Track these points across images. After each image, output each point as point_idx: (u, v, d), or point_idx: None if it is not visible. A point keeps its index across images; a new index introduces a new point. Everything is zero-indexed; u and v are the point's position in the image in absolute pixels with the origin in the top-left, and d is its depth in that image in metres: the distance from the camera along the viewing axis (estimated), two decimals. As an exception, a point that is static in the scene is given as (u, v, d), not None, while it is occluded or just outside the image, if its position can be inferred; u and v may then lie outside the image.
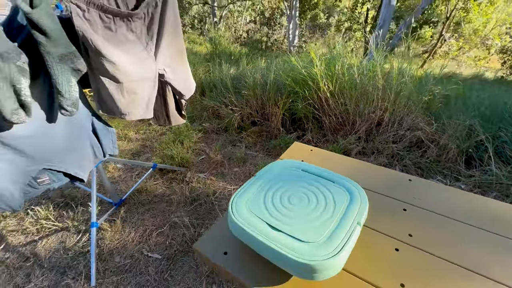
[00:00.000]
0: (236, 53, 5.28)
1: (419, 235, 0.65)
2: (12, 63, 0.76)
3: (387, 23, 6.38)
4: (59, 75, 0.86)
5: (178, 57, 1.20)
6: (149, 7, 1.02)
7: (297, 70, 2.50)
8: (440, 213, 0.71)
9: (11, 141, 0.88)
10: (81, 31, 0.86)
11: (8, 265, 1.52)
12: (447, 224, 0.68)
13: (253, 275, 0.58)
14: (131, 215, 1.79)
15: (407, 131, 2.17)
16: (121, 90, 1.04)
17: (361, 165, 0.94)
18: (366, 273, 0.57)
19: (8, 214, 1.85)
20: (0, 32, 0.73)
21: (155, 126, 2.95)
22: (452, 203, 0.74)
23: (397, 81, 2.15)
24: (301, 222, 0.55)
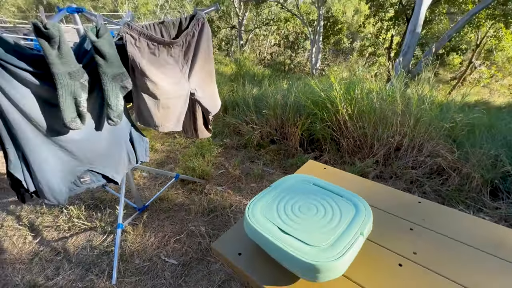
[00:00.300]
0: (259, 75, 5.53)
1: (424, 253, 0.69)
2: (77, 80, 0.93)
3: (412, 50, 6.39)
4: (110, 91, 1.03)
5: (207, 79, 1.36)
6: (187, 36, 1.19)
7: (316, 93, 2.60)
8: (446, 234, 0.74)
9: (66, 143, 1.04)
10: (132, 56, 1.04)
11: (41, 258, 1.67)
12: (452, 245, 0.71)
13: (263, 275, 0.65)
14: (152, 221, 1.91)
15: (427, 158, 2.15)
16: (158, 106, 1.19)
17: (371, 184, 0.98)
18: (369, 284, 0.61)
19: (45, 211, 2.05)
20: (72, 56, 0.91)
21: (180, 139, 3.15)
22: (459, 226, 0.77)
23: (417, 107, 2.17)
24: (309, 228, 0.62)
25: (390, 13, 10.86)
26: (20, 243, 1.79)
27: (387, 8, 10.83)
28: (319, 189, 0.77)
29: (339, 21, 13.17)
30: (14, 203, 2.17)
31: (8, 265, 1.64)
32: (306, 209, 0.68)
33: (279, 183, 0.80)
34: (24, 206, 2.12)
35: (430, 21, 10.37)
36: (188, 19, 1.19)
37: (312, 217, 0.66)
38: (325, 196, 0.73)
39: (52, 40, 0.84)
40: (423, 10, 5.79)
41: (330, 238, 0.59)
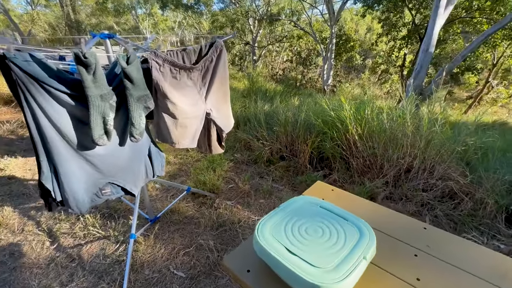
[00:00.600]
0: (271, 91, 5.66)
1: (427, 280, 0.70)
2: (107, 101, 1.03)
3: (425, 69, 6.39)
4: (134, 111, 1.12)
5: (222, 100, 1.45)
6: (206, 62, 1.30)
7: (327, 112, 2.65)
8: (450, 262, 0.75)
9: (92, 157, 1.13)
10: (156, 80, 1.14)
11: (57, 264, 1.75)
12: (456, 274, 0.72)
13: (270, 292, 0.68)
14: (163, 232, 1.97)
15: (438, 180, 2.13)
16: (176, 125, 1.28)
17: (377, 208, 1.01)
18: (371, 307, 0.64)
19: (63, 217, 2.15)
20: (104, 80, 1.02)
21: (192, 153, 3.25)
22: (464, 254, 0.78)
23: (427, 130, 2.18)
24: (314, 250, 0.66)
25: (403, 32, 10.95)
26: (39, 248, 1.88)
27: (399, 27, 10.95)
28: (325, 211, 0.81)
29: (351, 39, 13.36)
30: (35, 209, 2.29)
31: (26, 269, 1.72)
32: (312, 231, 0.73)
33: (288, 204, 0.85)
34: (44, 213, 2.23)
35: (444, 41, 10.37)
36: (207, 46, 1.30)
37: (318, 239, 0.70)
38: (331, 219, 0.77)
39: (89, 67, 0.95)
40: (436, 30, 5.82)
41: (334, 261, 0.62)
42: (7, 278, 1.65)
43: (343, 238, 0.69)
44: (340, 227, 0.73)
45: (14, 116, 4.77)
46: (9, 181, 2.74)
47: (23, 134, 4.03)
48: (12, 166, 3.04)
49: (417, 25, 9.93)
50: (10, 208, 2.29)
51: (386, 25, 11.14)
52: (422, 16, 9.94)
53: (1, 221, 2.11)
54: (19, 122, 4.35)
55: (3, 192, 2.54)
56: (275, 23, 13.11)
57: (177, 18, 19.91)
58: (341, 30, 13.36)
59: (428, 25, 6.00)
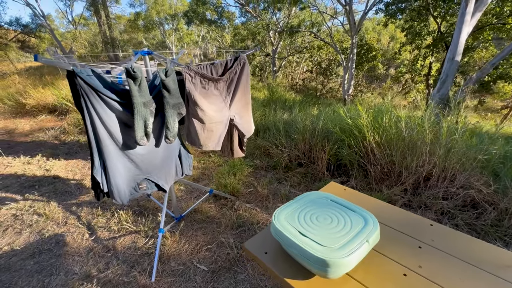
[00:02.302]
0: (290, 100, 5.79)
1: (429, 268, 0.77)
2: (148, 108, 1.22)
3: (451, 78, 6.21)
4: (170, 116, 1.31)
5: (245, 108, 1.60)
6: (231, 74, 1.46)
7: (344, 120, 2.72)
8: (453, 254, 0.82)
9: (133, 156, 1.32)
10: (189, 90, 1.32)
11: (95, 253, 1.96)
12: (458, 264, 0.78)
13: (284, 270, 0.79)
14: (187, 230, 2.12)
15: (459, 189, 2.10)
16: (203, 129, 1.45)
17: (386, 206, 1.08)
18: (372, 285, 0.72)
19: (100, 213, 2.39)
20: (147, 90, 1.21)
21: (214, 158, 3.43)
22: (468, 248, 0.84)
23: (447, 138, 2.17)
24: (323, 233, 0.76)
25: (428, 40, 10.68)
26: (79, 239, 2.11)
27: (424, 36, 10.70)
28: (335, 204, 0.91)
29: (373, 48, 13.23)
30: (76, 205, 2.56)
31: (69, 256, 1.94)
32: (322, 219, 0.83)
33: (302, 197, 0.96)
34: (84, 208, 2.49)
35: (473, 48, 9.95)
36: (232, 60, 1.47)
37: (327, 226, 0.80)
38: (340, 210, 0.87)
39: (136, 80, 1.14)
40: (462, 37, 5.67)
41: (340, 242, 0.72)
42: (54, 263, 1.88)
43: (349, 225, 0.79)
44: (347, 216, 0.83)
45: (57, 123, 5.31)
46: (54, 180, 3.08)
47: (65, 139, 4.49)
48: (56, 167, 3.41)
49: (443, 33, 9.66)
50: (55, 203, 2.58)
51: (409, 34, 10.94)
52: (449, 24, 9.67)
53: (48, 214, 2.39)
54: (61, 129, 4.85)
55: (49, 190, 2.86)
56: (295, 35, 13.36)
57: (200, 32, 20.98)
58: (362, 40, 13.30)
59: (454, 32, 5.87)
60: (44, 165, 3.46)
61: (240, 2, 13.51)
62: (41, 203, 2.58)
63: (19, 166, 3.48)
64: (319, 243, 0.73)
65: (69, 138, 4.50)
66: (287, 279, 0.76)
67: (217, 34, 18.59)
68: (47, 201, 2.64)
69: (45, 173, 3.27)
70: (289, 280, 0.76)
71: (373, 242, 0.76)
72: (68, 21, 17.98)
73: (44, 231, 2.20)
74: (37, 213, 2.44)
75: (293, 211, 0.88)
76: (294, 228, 0.80)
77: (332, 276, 0.69)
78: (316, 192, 1.00)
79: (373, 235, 0.75)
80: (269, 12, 13.33)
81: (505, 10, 7.93)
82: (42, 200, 2.65)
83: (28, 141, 4.54)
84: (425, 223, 0.97)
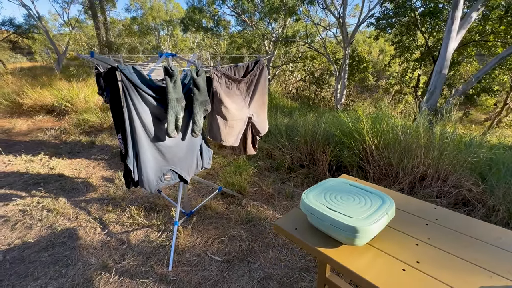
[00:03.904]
0: (288, 107, 5.99)
1: (436, 238, 0.92)
2: (180, 103, 1.34)
3: (438, 90, 6.57)
4: (197, 112, 1.43)
5: (262, 107, 1.74)
6: (251, 76, 1.61)
7: (345, 124, 2.90)
8: (456, 230, 0.96)
9: (162, 147, 1.43)
10: (215, 88, 1.45)
11: (109, 246, 2.02)
12: (460, 236, 0.93)
13: (314, 241, 0.92)
14: (198, 225, 2.21)
15: (451, 188, 2.29)
16: (225, 125, 1.57)
17: (395, 193, 1.23)
18: (390, 251, 0.86)
19: (110, 209, 2.44)
20: (180, 87, 1.34)
21: (219, 159, 3.53)
22: (468, 225, 0.99)
23: (440, 141, 2.37)
24: (349, 208, 0.90)
25: (416, 54, 11.24)
26: (92, 233, 2.16)
27: (412, 49, 11.26)
28: (355, 188, 1.05)
29: (364, 60, 13.77)
30: (85, 201, 2.60)
31: (83, 249, 1.99)
32: (346, 198, 0.97)
33: (324, 182, 1.09)
34: (93, 204, 2.54)
35: (458, 63, 10.54)
36: (253, 63, 1.61)
37: (351, 203, 0.93)
38: (360, 191, 1.01)
39: (172, 77, 1.27)
40: (449, 52, 6.05)
41: (364, 214, 0.86)
42: (69, 255, 1.93)
43: (370, 202, 0.93)
44: (367, 197, 0.97)
45: (55, 124, 5.29)
46: (59, 178, 3.11)
47: (66, 139, 4.49)
48: (60, 166, 3.42)
49: (430, 48, 10.20)
50: (64, 199, 2.62)
51: (399, 48, 11.48)
52: (435, 39, 10.23)
53: (58, 210, 2.43)
54: (62, 129, 4.84)
55: (56, 187, 2.89)
56: (290, 44, 13.75)
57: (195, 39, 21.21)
58: (354, 52, 13.82)
59: (441, 48, 6.27)
60: (47, 164, 3.47)
61: (236, 12, 13.85)
62: (49, 199, 2.60)
63: (21, 164, 3.48)
64: (347, 215, 0.86)
65: (70, 138, 4.50)
66: (318, 248, 0.89)
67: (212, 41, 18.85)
68: (55, 197, 2.66)
69: (49, 171, 3.28)
70: (321, 249, 0.88)
71: (391, 215, 0.90)
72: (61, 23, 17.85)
73: (56, 225, 2.24)
74: (46, 208, 2.47)
75: (319, 192, 1.01)
76: (323, 205, 0.93)
77: (359, 242, 0.83)
78: (336, 179, 1.14)
79: (391, 209, 0.89)
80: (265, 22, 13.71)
81: (487, 28, 8.52)
82: (50, 197, 2.68)
83: (27, 140, 4.51)
84: (430, 206, 1.12)
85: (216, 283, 1.66)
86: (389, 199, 0.95)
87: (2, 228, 2.24)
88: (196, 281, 1.68)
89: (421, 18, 9.59)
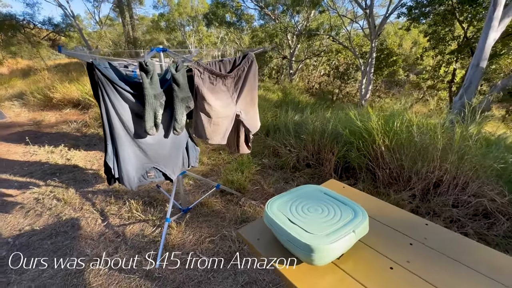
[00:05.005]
0: (303, 103, 5.78)
1: (417, 263, 0.78)
2: (158, 100, 1.30)
3: (474, 85, 5.95)
4: (178, 109, 1.38)
5: (250, 104, 1.65)
6: (239, 71, 1.52)
7: (354, 122, 2.70)
8: (444, 253, 0.81)
9: (143, 145, 1.41)
10: (197, 84, 1.39)
11: (106, 237, 2.07)
12: (447, 262, 0.78)
13: (273, 254, 0.83)
14: (192, 222, 2.20)
15: (471, 197, 2.03)
16: (210, 123, 1.51)
17: (384, 205, 1.09)
18: (356, 275, 0.74)
19: (113, 201, 2.51)
20: (158, 83, 1.29)
21: (224, 155, 3.50)
22: (460, 248, 0.83)
23: (459, 144, 2.11)
24: (312, 222, 0.79)
25: (452, 46, 10.28)
26: (92, 224, 2.24)
27: (448, 41, 10.31)
28: (328, 197, 0.93)
29: (394, 53, 12.91)
30: (91, 193, 2.71)
31: (82, 239, 2.07)
32: (313, 210, 0.86)
33: (297, 189, 0.99)
34: (98, 196, 2.64)
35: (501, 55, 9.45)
36: (241, 57, 1.52)
37: (317, 215, 0.82)
38: (332, 202, 0.89)
39: (148, 73, 1.22)
40: (488, 43, 5.42)
41: (327, 230, 0.75)
42: (68, 244, 2.01)
43: (339, 216, 0.81)
44: (338, 208, 0.85)
45: (80, 117, 5.62)
46: (73, 169, 3.28)
47: (86, 132, 4.74)
48: (76, 157, 3.62)
49: (469, 39, 9.27)
50: (73, 190, 2.75)
51: (433, 39, 10.58)
52: (475, 29, 9.26)
53: (66, 200, 2.56)
54: (83, 122, 5.13)
55: (69, 178, 3.05)
56: (313, 38, 13.29)
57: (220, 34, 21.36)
58: (382, 44, 13.01)
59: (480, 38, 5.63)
60: (65, 155, 3.69)
61: (259, 5, 13.64)
62: (61, 189, 2.75)
63: (44, 155, 3.73)
64: (306, 230, 0.76)
65: (90, 131, 4.75)
66: (274, 263, 0.79)
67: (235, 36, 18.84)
68: (66, 187, 2.81)
69: (66, 162, 3.48)
70: (276, 264, 0.79)
71: (360, 233, 0.78)
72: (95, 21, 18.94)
73: (62, 215, 2.35)
74: (56, 198, 2.61)
75: (286, 201, 0.91)
76: (284, 216, 0.83)
77: (318, 262, 0.72)
78: (312, 185, 1.02)
79: (360, 226, 0.77)
80: (288, 15, 13.36)
81: (537, 15, 7.50)
82: (62, 187, 2.83)
83: (53, 132, 4.84)
84: (421, 222, 0.97)
85: (199, 284, 1.63)
86: (363, 213, 0.82)
87: (17, 214, 2.41)
88: (180, 280, 1.66)
89: (460, 6, 8.71)
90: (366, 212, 0.84)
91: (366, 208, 0.91)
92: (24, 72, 11.50)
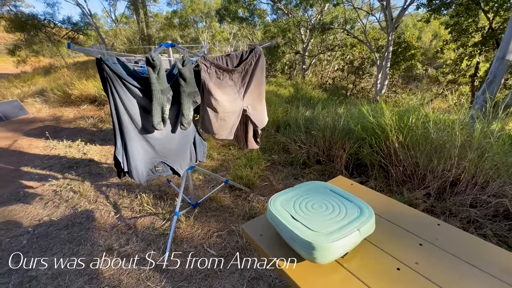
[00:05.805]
0: (315, 98, 5.68)
1: (425, 265, 0.74)
2: (165, 95, 1.31)
3: (498, 80, 5.60)
4: (185, 104, 1.38)
5: (258, 99, 1.63)
6: (246, 65, 1.50)
7: (367, 118, 2.62)
8: (455, 254, 0.77)
9: (151, 140, 1.42)
10: (204, 79, 1.38)
11: (118, 229, 2.13)
12: (458, 263, 0.74)
13: (275, 252, 0.82)
14: (201, 216, 2.22)
15: (491, 197, 1.92)
16: (217, 118, 1.50)
17: (394, 203, 1.04)
18: (360, 274, 0.72)
19: (125, 195, 2.58)
20: (165, 78, 1.30)
21: (234, 151, 3.51)
22: (473, 250, 0.78)
23: (479, 141, 1.99)
24: (315, 219, 0.77)
25: (476, 38, 9.73)
26: (106, 216, 2.31)
27: (471, 32, 9.77)
28: (333, 193, 0.90)
29: (412, 46, 12.38)
30: (106, 186, 2.80)
31: (96, 230, 2.14)
32: (317, 206, 0.83)
33: (302, 185, 0.97)
34: (112, 189, 2.72)
35: (530, 47, 8.83)
36: (248, 52, 1.50)
37: (321, 212, 0.80)
38: (337, 199, 0.86)
39: (155, 68, 1.23)
40: (515, 35, 5.08)
41: (330, 228, 0.73)
42: (83, 235, 2.09)
43: (344, 213, 0.79)
44: (343, 205, 0.83)
45: (96, 113, 5.80)
46: (89, 163, 3.40)
47: (102, 127, 4.89)
48: (92, 151, 3.74)
49: (494, 30, 8.73)
50: (88, 183, 2.85)
51: (454, 31, 10.04)
52: (502, 19, 8.71)
53: (82, 192, 2.66)
54: (99, 117, 5.29)
55: (85, 171, 3.16)
56: (327, 32, 12.98)
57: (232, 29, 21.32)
58: (400, 37, 12.51)
59: (507, 29, 5.28)
60: (82, 149, 3.82)
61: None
62: (77, 182, 2.86)
63: (62, 149, 3.88)
64: (309, 227, 0.74)
65: (105, 126, 4.90)
66: (276, 260, 0.78)
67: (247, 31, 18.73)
68: (82, 180, 2.92)
69: (82, 156, 3.61)
70: (278, 261, 0.78)
71: (366, 232, 0.75)
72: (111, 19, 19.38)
73: (78, 207, 2.45)
74: (73, 190, 2.72)
75: (290, 197, 0.90)
76: (287, 213, 0.81)
77: (320, 260, 0.70)
78: (317, 181, 1.00)
79: (366, 224, 0.74)
80: (301, 8, 13.10)
81: None
82: (78, 180, 2.94)
83: (71, 127, 5.03)
84: (432, 222, 0.92)
85: (207, 277, 1.65)
86: (369, 211, 0.79)
87: (37, 205, 2.53)
88: (188, 273, 1.68)
89: (485, -5, 8.20)
90: (372, 210, 0.80)
91: (374, 206, 0.88)
92: (46, 70, 12.01)
